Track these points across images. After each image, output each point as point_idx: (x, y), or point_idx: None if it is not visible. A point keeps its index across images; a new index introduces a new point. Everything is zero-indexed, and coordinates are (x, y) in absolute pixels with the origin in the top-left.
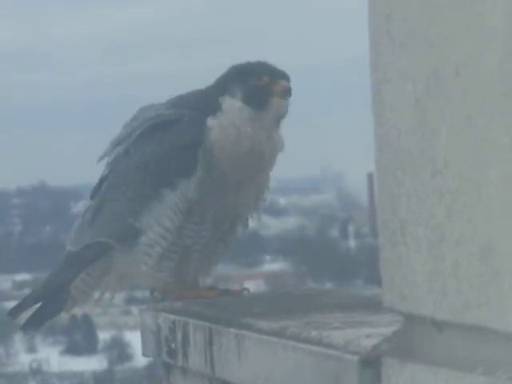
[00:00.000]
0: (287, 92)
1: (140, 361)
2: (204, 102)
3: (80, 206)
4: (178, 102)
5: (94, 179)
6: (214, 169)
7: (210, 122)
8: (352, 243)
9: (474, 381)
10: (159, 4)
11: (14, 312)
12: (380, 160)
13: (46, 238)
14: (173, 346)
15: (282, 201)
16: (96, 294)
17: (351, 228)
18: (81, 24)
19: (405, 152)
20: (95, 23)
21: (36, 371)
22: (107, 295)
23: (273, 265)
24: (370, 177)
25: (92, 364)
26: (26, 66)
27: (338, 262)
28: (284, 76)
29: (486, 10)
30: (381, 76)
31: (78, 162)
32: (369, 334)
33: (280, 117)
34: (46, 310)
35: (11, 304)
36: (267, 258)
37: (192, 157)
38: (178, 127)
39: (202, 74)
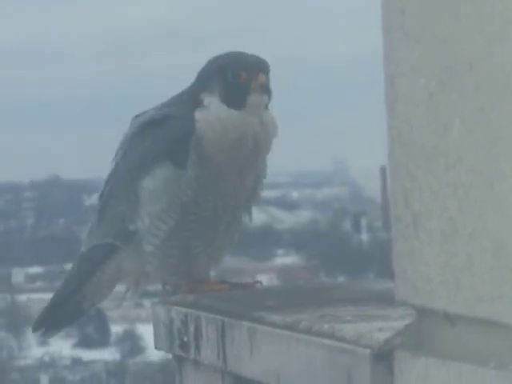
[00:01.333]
0: (265, 87)
1: (152, 354)
2: (188, 99)
3: (93, 200)
4: (168, 103)
5: (107, 172)
6: (208, 161)
7: (198, 114)
8: (364, 237)
9: (486, 374)
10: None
11: (37, 326)
12: (393, 153)
13: (59, 231)
14: (185, 339)
15: (295, 194)
16: (110, 294)
17: (363, 222)
18: (82, 21)
19: (418, 146)
20: (97, 20)
21: (48, 364)
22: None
23: (285, 258)
24: (382, 170)
25: (104, 357)
26: (32, 62)
27: (350, 255)
28: (262, 68)
29: (498, 5)
30: (394, 70)
31: (90, 156)
32: (381, 327)
33: (260, 111)
34: (64, 314)
35: (24, 297)
36: (280, 251)
37: (184, 150)
38: (168, 123)
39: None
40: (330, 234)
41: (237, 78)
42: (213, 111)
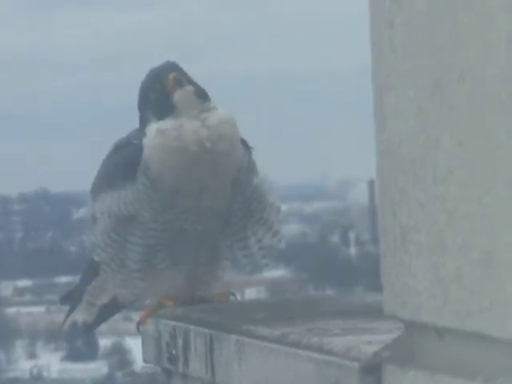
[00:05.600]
0: (180, 81)
1: (141, 367)
2: (138, 130)
3: (81, 213)
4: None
5: None
6: (161, 182)
7: (144, 141)
8: (353, 250)
9: None
10: (160, 10)
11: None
12: (381, 166)
13: (47, 244)
14: (173, 352)
15: (284, 207)
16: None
17: (352, 235)
18: (82, 29)
19: (406, 159)
20: (96, 28)
21: (36, 377)
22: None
23: (274, 271)
24: (370, 183)
25: (93, 370)
26: (25, 71)
27: (338, 268)
28: (168, 69)
29: (489, 18)
30: (383, 83)
31: (79, 168)
32: (370, 340)
33: (193, 105)
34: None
35: (12, 310)
36: None
37: (134, 174)
38: (125, 149)
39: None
40: (319, 247)
41: (156, 92)
42: (153, 136)
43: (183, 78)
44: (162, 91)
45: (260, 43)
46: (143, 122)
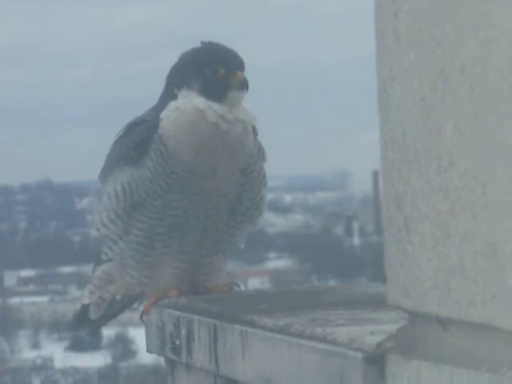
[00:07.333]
0: (245, 84)
1: (144, 357)
2: (162, 99)
3: (84, 203)
4: (153, 106)
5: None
6: (174, 160)
7: (162, 114)
8: (356, 240)
9: (479, 378)
10: (160, 3)
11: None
12: (385, 157)
13: (51, 234)
14: (177, 342)
15: (287, 198)
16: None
17: (356, 225)
18: (84, 22)
19: (410, 149)
20: (98, 22)
21: (40, 367)
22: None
23: (277, 262)
24: (375, 174)
25: (96, 360)
26: (29, 63)
27: (342, 259)
28: (240, 66)
29: (493, 9)
30: (387, 74)
31: (82, 159)
32: (373, 331)
33: (238, 106)
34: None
35: (16, 300)
36: (272, 255)
37: (145, 152)
38: (138, 127)
39: None
40: (323, 238)
41: (215, 73)
42: (176, 106)
43: (247, 82)
44: (223, 78)
45: (259, 36)
46: (176, 86)
